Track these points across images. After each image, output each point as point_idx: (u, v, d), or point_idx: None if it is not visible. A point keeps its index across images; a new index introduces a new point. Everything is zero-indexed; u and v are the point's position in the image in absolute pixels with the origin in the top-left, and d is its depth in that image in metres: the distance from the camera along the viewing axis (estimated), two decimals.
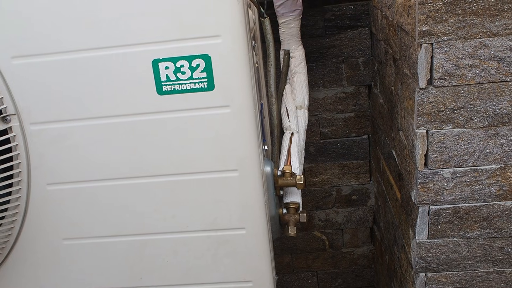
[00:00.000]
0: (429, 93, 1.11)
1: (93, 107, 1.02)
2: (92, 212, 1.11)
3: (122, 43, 0.97)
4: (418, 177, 1.18)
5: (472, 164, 1.16)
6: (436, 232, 1.23)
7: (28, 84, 1.01)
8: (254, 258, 1.15)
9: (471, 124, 1.12)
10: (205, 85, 0.99)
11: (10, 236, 1.14)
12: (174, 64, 0.98)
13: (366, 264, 2.25)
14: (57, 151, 1.06)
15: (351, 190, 2.11)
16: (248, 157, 1.05)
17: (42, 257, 1.17)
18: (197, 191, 1.07)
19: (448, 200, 1.19)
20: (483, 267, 1.26)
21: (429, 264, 1.27)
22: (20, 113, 1.04)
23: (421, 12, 1.05)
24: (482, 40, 1.06)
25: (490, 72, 1.08)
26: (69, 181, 1.09)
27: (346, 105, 1.96)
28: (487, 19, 1.04)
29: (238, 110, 1.01)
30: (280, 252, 2.23)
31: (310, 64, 1.84)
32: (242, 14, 0.96)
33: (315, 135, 2.01)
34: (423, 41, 1.07)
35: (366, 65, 1.89)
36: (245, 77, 1.00)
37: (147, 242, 1.13)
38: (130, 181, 1.07)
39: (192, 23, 0.96)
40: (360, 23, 1.84)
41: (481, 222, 1.21)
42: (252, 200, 1.09)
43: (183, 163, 1.05)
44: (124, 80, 1.00)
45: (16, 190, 1.09)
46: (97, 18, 0.96)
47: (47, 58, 0.99)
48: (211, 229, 1.12)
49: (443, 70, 1.08)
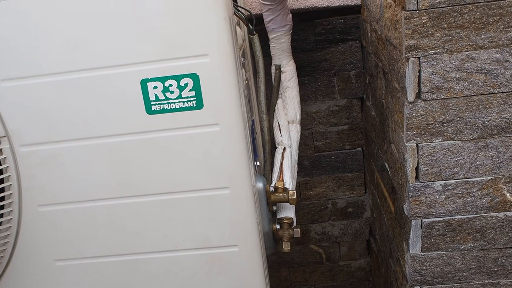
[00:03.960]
0: (418, 107, 1.11)
1: (82, 128, 1.02)
2: (83, 233, 1.11)
3: (110, 64, 0.98)
4: (410, 190, 1.18)
5: (463, 176, 1.16)
6: (429, 245, 1.23)
7: (18, 106, 1.02)
8: (248, 275, 1.14)
9: (461, 137, 1.13)
10: (193, 103, 1.00)
11: (2, 258, 1.13)
12: (163, 83, 0.99)
13: (364, 276, 2.24)
14: (47, 172, 1.06)
15: (347, 203, 2.10)
16: (239, 174, 1.05)
17: (35, 278, 1.17)
18: (188, 210, 1.07)
19: (440, 212, 1.19)
20: (478, 279, 1.26)
21: (424, 277, 1.26)
22: (10, 135, 1.04)
23: (407, 27, 1.06)
24: (469, 53, 1.07)
25: (478, 85, 1.09)
26: (60, 202, 1.09)
27: (339, 118, 1.96)
28: (472, 32, 1.05)
29: (227, 128, 1.02)
30: (277, 267, 2.22)
31: (302, 78, 1.84)
32: (229, 33, 0.97)
33: (309, 148, 2.01)
34: (410, 55, 1.08)
35: (358, 78, 1.90)
36: (233, 95, 1.00)
37: (139, 261, 1.13)
38: (121, 200, 1.07)
39: (180, 43, 0.96)
40: (350, 36, 1.85)
41: (474, 234, 1.21)
42: (244, 217, 1.09)
43: (173, 182, 1.05)
44: (113, 101, 1.00)
45: (8, 212, 1.08)
46: (84, 39, 0.97)
47: (36, 80, 1.00)
48: (203, 247, 1.11)
49: (431, 83, 1.09)
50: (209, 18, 0.95)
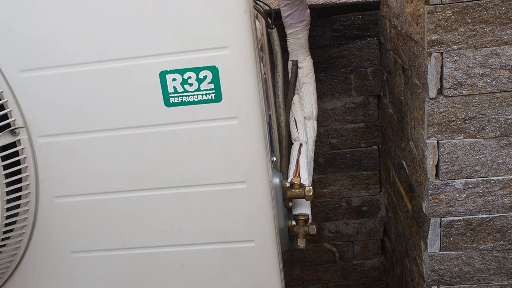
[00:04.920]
0: (439, 103, 1.09)
1: (100, 120, 1.02)
2: (99, 225, 1.11)
3: (130, 55, 0.97)
4: (429, 188, 1.16)
5: (485, 174, 1.14)
6: (448, 244, 1.21)
7: (36, 97, 1.02)
8: (263, 270, 1.13)
9: (483, 134, 1.11)
10: (212, 96, 0.99)
11: (18, 248, 1.14)
12: (182, 75, 0.98)
13: (377, 276, 2.22)
14: (65, 163, 1.06)
15: (361, 201, 2.08)
16: (256, 168, 1.04)
17: (50, 270, 1.17)
18: (205, 203, 1.07)
19: (460, 211, 1.17)
20: (497, 280, 1.23)
21: (442, 277, 1.24)
22: (29, 126, 1.04)
23: (430, 21, 1.04)
24: (493, 48, 1.05)
25: (502, 81, 1.07)
26: (77, 194, 1.09)
27: (355, 116, 1.95)
28: (497, 28, 1.03)
29: (245, 122, 1.01)
30: (290, 264, 2.21)
31: (318, 74, 1.83)
32: (249, 26, 0.96)
33: (324, 145, 1.99)
34: (432, 50, 1.06)
35: (375, 75, 1.88)
36: (252, 88, 0.99)
37: (155, 255, 1.12)
38: (138, 193, 1.06)
39: (199, 35, 0.95)
40: (368, 33, 1.83)
41: (495, 234, 1.19)
42: (260, 212, 1.08)
43: (191, 175, 1.04)
44: (132, 92, 1.00)
45: (25, 202, 1.09)
46: (104, 31, 0.96)
47: (55, 71, 1.00)
48: (219, 241, 1.11)
49: (453, 79, 1.07)
50: (230, 10, 0.94)
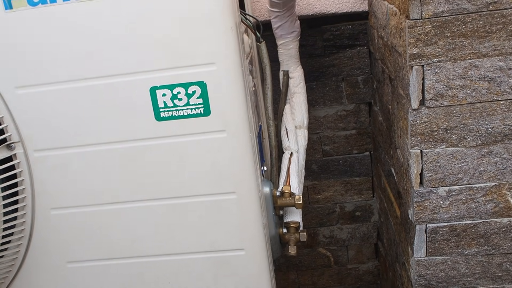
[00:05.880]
0: (421, 114, 1.13)
1: (93, 134, 1.06)
2: (94, 235, 1.14)
3: (121, 72, 1.01)
4: (414, 196, 1.20)
5: (467, 182, 1.17)
6: (434, 250, 1.24)
7: (31, 112, 1.05)
8: (254, 278, 1.17)
9: (465, 143, 1.14)
10: (201, 111, 1.02)
11: (16, 259, 1.17)
12: (171, 91, 1.01)
13: (372, 280, 2.25)
14: (60, 176, 1.10)
15: (355, 207, 2.12)
16: (245, 179, 1.08)
17: (47, 279, 1.20)
18: (196, 214, 1.10)
19: (444, 218, 1.21)
20: (482, 283, 1.27)
21: (429, 282, 1.28)
22: (24, 140, 1.07)
23: (411, 35, 1.07)
24: (472, 61, 1.08)
25: (481, 92, 1.10)
26: (72, 206, 1.12)
27: (347, 123, 1.98)
28: (476, 41, 1.07)
29: (234, 134, 1.04)
30: (286, 269, 2.24)
31: (310, 83, 1.86)
32: (235, 42, 1.00)
33: (317, 152, 2.03)
34: (413, 63, 1.09)
35: (366, 83, 1.91)
36: (240, 102, 1.03)
37: (148, 264, 1.16)
38: (130, 204, 1.10)
39: (187, 52, 0.99)
40: (358, 42, 1.86)
41: (479, 239, 1.22)
42: (250, 221, 1.11)
43: (181, 186, 1.08)
44: (123, 108, 1.03)
45: (21, 215, 1.12)
46: (95, 49, 1.00)
47: (50, 87, 1.03)
48: (210, 250, 1.14)
49: (434, 91, 1.10)
50: (216, 28, 0.98)
